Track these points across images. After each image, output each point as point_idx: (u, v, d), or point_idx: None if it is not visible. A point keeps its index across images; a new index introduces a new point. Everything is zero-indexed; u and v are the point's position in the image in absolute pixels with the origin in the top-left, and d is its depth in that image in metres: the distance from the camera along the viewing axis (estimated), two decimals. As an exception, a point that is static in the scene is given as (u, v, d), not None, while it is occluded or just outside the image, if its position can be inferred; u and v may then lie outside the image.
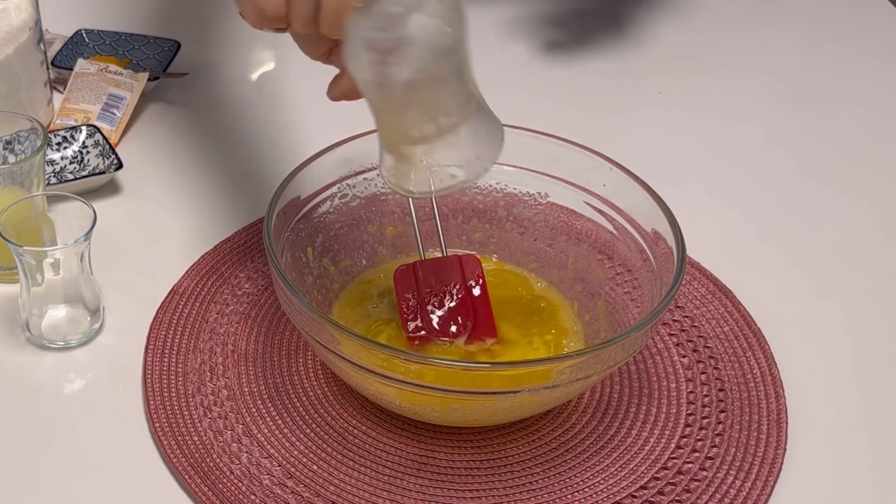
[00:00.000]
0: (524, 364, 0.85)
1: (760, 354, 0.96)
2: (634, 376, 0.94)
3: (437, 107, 0.78)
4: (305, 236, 0.93)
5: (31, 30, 1.11)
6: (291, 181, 0.90)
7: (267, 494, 0.83)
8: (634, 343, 0.82)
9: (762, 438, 0.89)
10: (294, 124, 1.20)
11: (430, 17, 0.74)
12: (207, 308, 0.97)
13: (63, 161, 1.10)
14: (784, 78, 1.36)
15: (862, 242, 1.11)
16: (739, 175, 1.19)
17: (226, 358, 0.93)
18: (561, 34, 1.40)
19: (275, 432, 0.88)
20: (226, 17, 1.38)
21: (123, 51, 1.27)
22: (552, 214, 0.98)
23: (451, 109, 0.79)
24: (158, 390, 0.90)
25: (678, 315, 0.99)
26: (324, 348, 0.81)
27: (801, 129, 1.28)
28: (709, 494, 0.85)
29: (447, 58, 0.76)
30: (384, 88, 0.77)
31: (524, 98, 1.27)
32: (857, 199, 1.17)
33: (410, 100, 0.77)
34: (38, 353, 0.94)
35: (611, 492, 0.85)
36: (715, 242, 1.07)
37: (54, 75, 1.22)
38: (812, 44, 1.44)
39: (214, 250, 1.03)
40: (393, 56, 0.75)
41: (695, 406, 0.92)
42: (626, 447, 0.88)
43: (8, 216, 0.90)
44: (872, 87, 1.35)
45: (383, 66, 0.75)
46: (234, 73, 1.30)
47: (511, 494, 0.85)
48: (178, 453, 0.85)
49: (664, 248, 0.88)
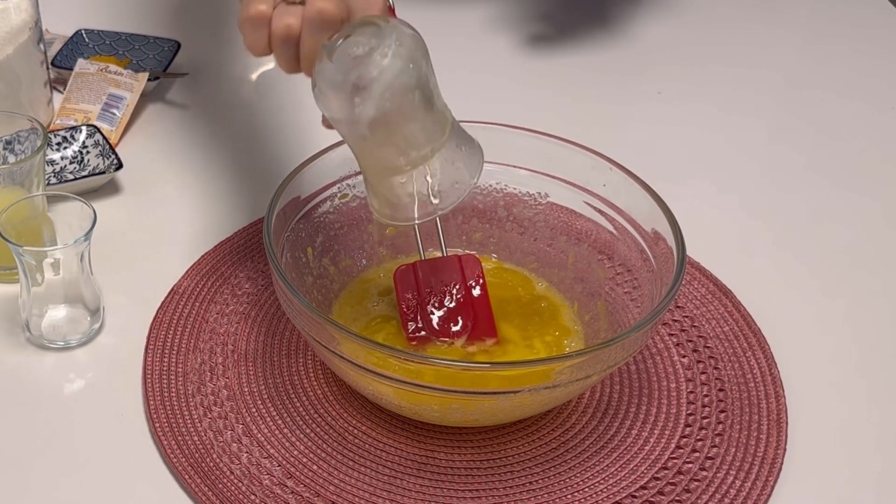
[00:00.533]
0: (524, 364, 0.85)
1: (760, 354, 0.96)
2: (634, 376, 0.94)
3: (406, 141, 0.81)
4: (305, 236, 0.93)
5: (31, 30, 1.11)
6: (291, 181, 0.90)
7: (267, 494, 0.83)
8: (634, 343, 0.82)
9: (762, 438, 0.89)
10: (294, 124, 1.20)
11: (392, 56, 0.77)
12: (207, 308, 0.97)
13: (63, 161, 1.10)
14: (783, 77, 1.36)
15: (862, 242, 1.11)
16: (739, 175, 1.19)
17: (226, 358, 0.93)
18: (548, 29, 1.41)
19: (275, 432, 0.88)
20: (226, 17, 1.38)
21: (123, 51, 1.27)
22: (552, 214, 0.98)
23: (421, 142, 0.81)
24: (158, 390, 0.90)
25: (678, 315, 0.99)
26: (324, 348, 0.81)
27: (801, 129, 1.27)
28: (709, 494, 0.85)
29: (412, 93, 0.79)
30: (352, 126, 0.80)
31: (521, 97, 1.27)
32: (857, 198, 1.17)
33: (380, 135, 0.80)
34: (38, 353, 0.94)
35: (611, 492, 0.85)
36: (715, 242, 1.07)
37: (54, 75, 1.22)
38: (812, 41, 1.44)
39: (214, 250, 1.03)
40: (358, 96, 0.78)
41: (695, 406, 0.92)
42: (626, 447, 0.88)
43: (8, 216, 0.90)
44: (874, 84, 1.35)
45: (350, 106, 0.78)
46: (233, 73, 1.30)
47: (511, 494, 0.85)
48: (178, 453, 0.85)
49: (664, 248, 0.88)
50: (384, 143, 0.80)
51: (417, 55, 0.79)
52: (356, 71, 0.77)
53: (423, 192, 0.84)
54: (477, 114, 0.97)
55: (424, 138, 0.81)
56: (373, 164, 0.83)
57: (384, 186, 0.84)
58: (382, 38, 0.78)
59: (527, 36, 1.39)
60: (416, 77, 0.79)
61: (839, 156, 1.23)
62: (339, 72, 0.78)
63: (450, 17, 1.42)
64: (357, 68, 0.77)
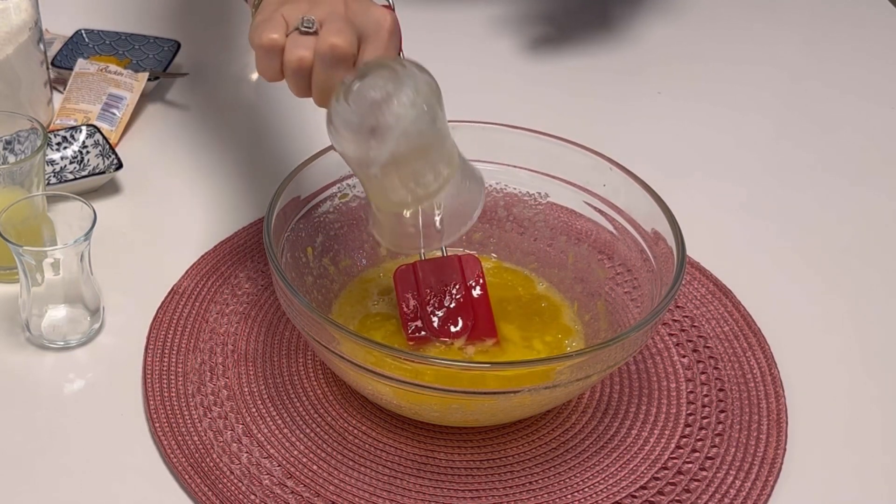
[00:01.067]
0: (524, 364, 0.85)
1: (760, 354, 0.96)
2: (634, 376, 0.94)
3: (415, 179, 0.82)
4: (305, 236, 0.93)
5: (31, 30, 1.11)
6: (291, 181, 0.90)
7: (267, 494, 0.83)
8: (634, 343, 0.82)
9: (762, 438, 0.89)
10: (294, 124, 1.20)
11: (409, 105, 0.78)
12: (207, 308, 0.97)
13: (63, 161, 1.10)
14: (783, 77, 1.36)
15: (862, 242, 1.11)
16: (739, 175, 1.19)
17: (226, 358, 0.93)
18: (550, 29, 1.41)
19: (275, 432, 0.87)
20: (226, 18, 1.38)
21: (123, 51, 1.27)
22: (552, 214, 0.98)
23: (430, 180, 0.82)
24: (158, 390, 0.90)
25: (678, 315, 0.99)
26: (324, 348, 0.81)
27: (801, 129, 1.27)
28: (709, 494, 0.85)
29: (424, 136, 0.80)
30: (364, 165, 0.81)
31: (521, 97, 1.27)
32: (857, 197, 1.16)
33: (390, 174, 0.81)
34: (38, 353, 0.94)
35: (611, 492, 0.85)
36: (715, 242, 1.07)
37: (54, 75, 1.22)
38: (813, 41, 1.44)
39: (214, 250, 1.03)
40: (374, 139, 0.79)
41: (695, 406, 0.92)
42: (626, 447, 0.88)
43: (8, 216, 0.90)
44: (875, 85, 1.35)
45: (365, 148, 0.80)
46: (233, 73, 1.30)
47: (511, 494, 0.85)
48: (178, 453, 0.85)
49: (664, 248, 0.88)
50: (394, 180, 0.82)
51: (433, 101, 0.80)
52: (373, 116, 0.78)
53: (428, 224, 0.86)
54: (477, 114, 0.98)
55: (433, 176, 0.82)
56: (381, 199, 0.84)
57: (390, 218, 0.86)
58: (399, 84, 0.78)
59: (528, 36, 1.39)
60: (431, 121, 0.80)
61: (839, 156, 1.23)
62: (355, 114, 0.79)
63: (451, 18, 1.42)
64: (374, 113, 0.78)
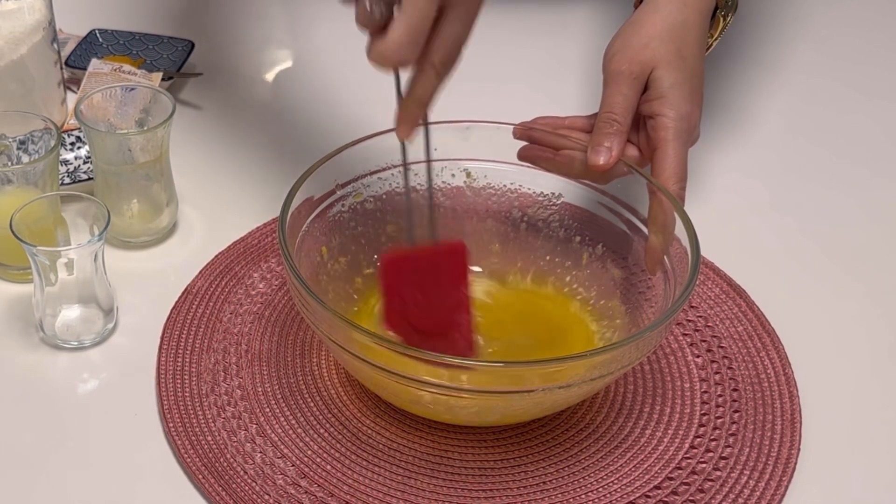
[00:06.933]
0: (538, 364, 0.84)
1: (774, 354, 0.96)
2: (648, 376, 0.94)
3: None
4: (320, 236, 0.93)
5: (44, 29, 1.12)
6: (305, 181, 0.90)
7: (281, 494, 0.83)
8: (649, 343, 0.82)
9: (776, 438, 0.89)
10: (308, 124, 1.21)
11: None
12: (221, 308, 0.97)
13: (77, 161, 1.11)
14: (799, 76, 1.36)
15: (876, 242, 1.10)
16: (753, 175, 1.19)
17: (239, 358, 0.93)
18: (562, 29, 1.40)
19: (288, 432, 0.88)
20: (240, 17, 1.38)
21: (137, 50, 1.27)
22: (566, 214, 0.98)
23: None
24: (172, 390, 0.90)
25: (692, 315, 0.99)
26: (339, 347, 0.81)
27: (815, 128, 1.27)
28: (722, 494, 0.85)
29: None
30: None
31: (534, 98, 1.27)
32: (873, 199, 1.16)
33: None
34: (51, 352, 0.94)
35: (624, 492, 0.85)
36: (729, 242, 1.07)
37: (68, 75, 1.22)
38: (827, 39, 1.43)
39: (228, 250, 1.03)
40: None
41: (709, 406, 0.91)
42: (640, 447, 0.88)
43: (22, 216, 0.91)
44: (888, 84, 1.34)
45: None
46: (248, 72, 1.30)
47: (524, 494, 0.85)
48: (191, 453, 0.85)
49: (678, 249, 0.88)
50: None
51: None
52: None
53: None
54: (491, 114, 0.97)
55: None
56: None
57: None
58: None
59: (541, 37, 1.39)
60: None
61: (854, 156, 1.22)
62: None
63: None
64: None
